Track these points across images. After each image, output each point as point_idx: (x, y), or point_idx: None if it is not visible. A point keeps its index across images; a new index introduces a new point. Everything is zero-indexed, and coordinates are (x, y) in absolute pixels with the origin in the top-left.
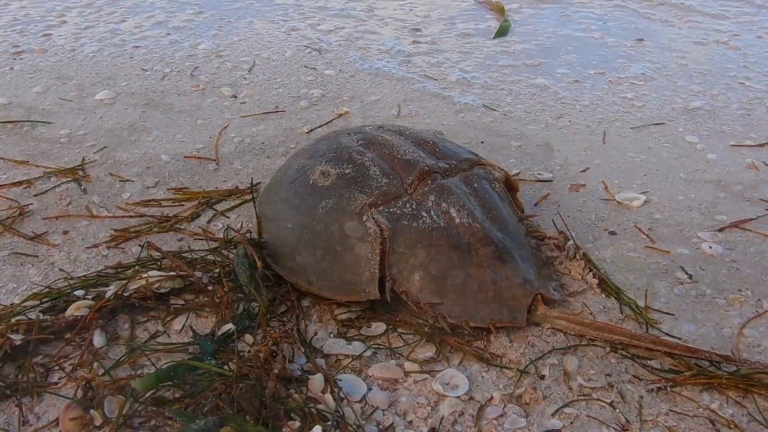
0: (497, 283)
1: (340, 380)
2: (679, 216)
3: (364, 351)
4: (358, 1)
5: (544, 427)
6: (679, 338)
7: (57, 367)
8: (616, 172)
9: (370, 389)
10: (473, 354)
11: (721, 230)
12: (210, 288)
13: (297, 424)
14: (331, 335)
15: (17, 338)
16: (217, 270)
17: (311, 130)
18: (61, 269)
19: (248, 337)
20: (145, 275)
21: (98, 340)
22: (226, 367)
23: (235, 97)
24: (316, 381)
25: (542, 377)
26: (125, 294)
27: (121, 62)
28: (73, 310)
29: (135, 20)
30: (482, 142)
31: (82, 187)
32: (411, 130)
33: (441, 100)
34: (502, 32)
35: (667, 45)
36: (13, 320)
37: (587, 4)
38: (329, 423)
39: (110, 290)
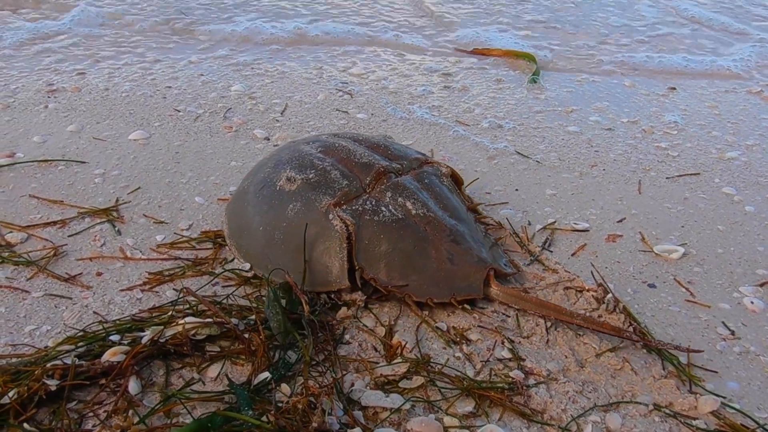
0: (454, 262)
1: None
2: (718, 269)
3: (403, 404)
4: (389, 46)
5: None
6: (724, 397)
7: (91, 414)
8: (653, 223)
9: None
10: (513, 409)
11: (762, 285)
12: (246, 335)
13: None
14: (369, 387)
15: (52, 383)
16: (253, 317)
17: None
18: (95, 312)
19: (285, 387)
20: (182, 321)
21: (133, 386)
22: (263, 418)
23: (268, 139)
24: None
25: None
26: (161, 340)
27: (154, 102)
28: (109, 356)
29: (167, 61)
30: (516, 190)
31: (116, 229)
32: (363, 136)
33: (473, 146)
34: (533, 79)
35: (699, 94)
36: (48, 365)
37: (618, 51)
38: None
39: (146, 336)
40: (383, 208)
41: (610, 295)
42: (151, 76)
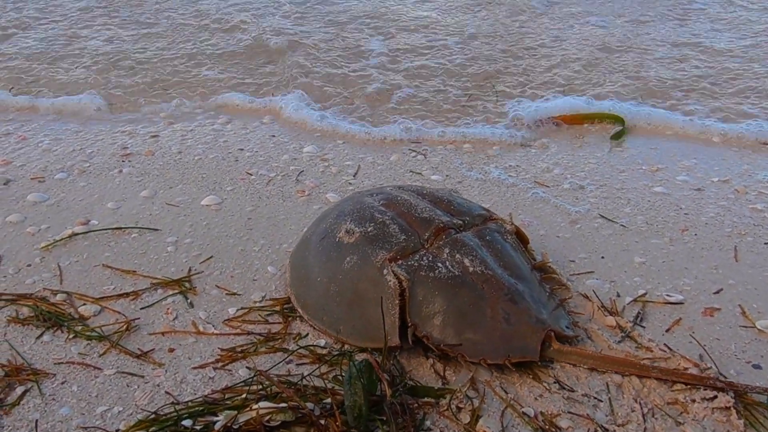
0: (510, 322)
1: None
2: None
3: None
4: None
5: None
6: None
7: None
8: (753, 295)
9: None
10: None
11: None
12: (322, 421)
13: None
14: None
15: None
16: (329, 399)
17: None
18: (167, 392)
19: None
20: (256, 406)
21: None
22: None
23: None
24: None
25: None
26: (234, 426)
27: (226, 166)
28: None
29: (239, 122)
30: (602, 257)
31: (189, 301)
32: (428, 190)
33: (554, 209)
34: (617, 137)
35: None
36: None
37: (700, 108)
38: None
39: (219, 421)
40: (440, 265)
41: (712, 371)
42: (223, 139)
